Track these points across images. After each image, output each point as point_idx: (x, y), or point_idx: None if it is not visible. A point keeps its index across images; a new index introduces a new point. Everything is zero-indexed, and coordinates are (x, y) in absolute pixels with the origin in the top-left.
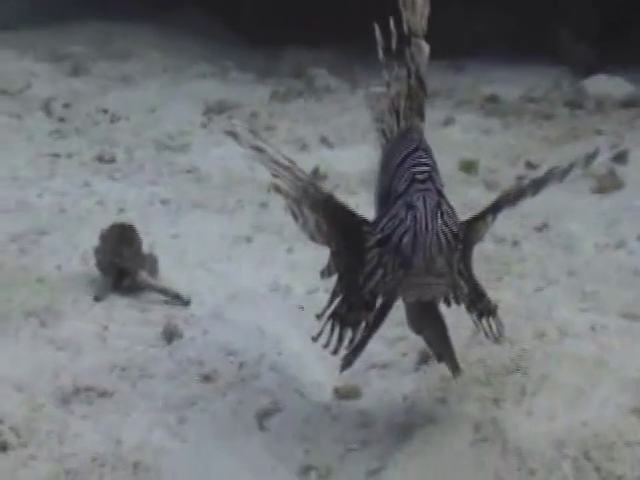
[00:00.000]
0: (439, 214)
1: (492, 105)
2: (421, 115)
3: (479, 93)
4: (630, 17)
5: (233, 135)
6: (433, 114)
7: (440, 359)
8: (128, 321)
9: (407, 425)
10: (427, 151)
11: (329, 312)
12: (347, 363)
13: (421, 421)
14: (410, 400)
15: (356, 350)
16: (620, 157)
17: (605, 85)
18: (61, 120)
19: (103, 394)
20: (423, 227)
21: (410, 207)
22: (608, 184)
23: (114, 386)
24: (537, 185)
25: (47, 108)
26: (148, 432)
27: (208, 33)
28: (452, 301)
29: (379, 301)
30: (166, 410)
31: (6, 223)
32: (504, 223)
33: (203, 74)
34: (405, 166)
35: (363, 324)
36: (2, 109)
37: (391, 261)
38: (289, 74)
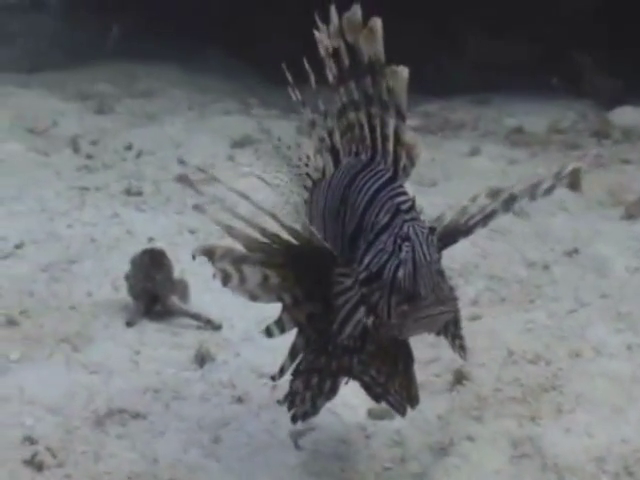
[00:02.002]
0: (432, 242)
1: (518, 136)
2: (398, 140)
3: (504, 125)
4: None
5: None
6: (459, 145)
7: (380, 398)
8: (160, 345)
9: (443, 443)
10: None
11: (302, 368)
12: (309, 414)
13: (457, 439)
14: (445, 419)
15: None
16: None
17: (631, 116)
18: (88, 156)
19: (136, 416)
20: (422, 257)
21: (405, 238)
22: (636, 210)
23: (147, 408)
24: (507, 203)
25: (74, 145)
26: (183, 451)
27: (231, 72)
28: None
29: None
30: (200, 430)
31: (37, 253)
32: (534, 248)
33: (227, 110)
34: (381, 199)
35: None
36: (30, 147)
37: (385, 298)
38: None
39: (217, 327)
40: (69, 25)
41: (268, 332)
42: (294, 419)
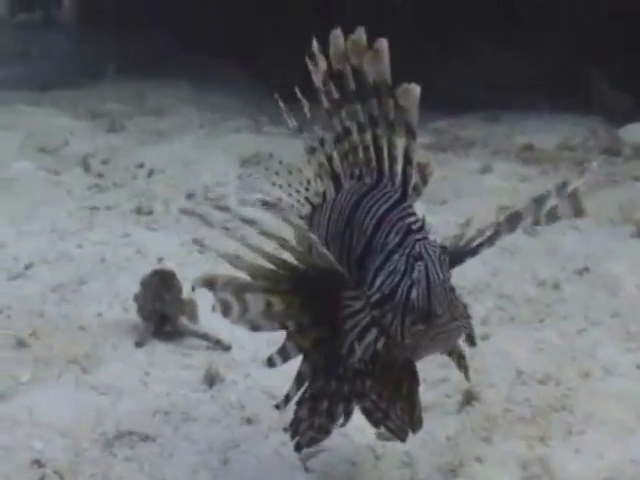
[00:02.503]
0: (445, 261)
1: (528, 154)
2: (409, 161)
3: (515, 142)
4: None
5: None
6: (469, 163)
7: (379, 424)
8: (169, 366)
9: (452, 464)
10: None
11: (308, 395)
12: (316, 440)
13: (466, 460)
14: (454, 440)
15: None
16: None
17: None
18: (99, 175)
19: (146, 438)
20: (435, 276)
21: (417, 258)
22: None
23: (157, 430)
24: (512, 223)
25: (85, 164)
26: (192, 473)
27: (242, 90)
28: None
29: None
30: (209, 452)
31: (47, 274)
32: (545, 267)
33: (238, 128)
34: (390, 220)
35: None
36: (41, 166)
37: (399, 319)
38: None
39: (226, 348)
40: (81, 43)
41: (270, 362)
42: (298, 448)
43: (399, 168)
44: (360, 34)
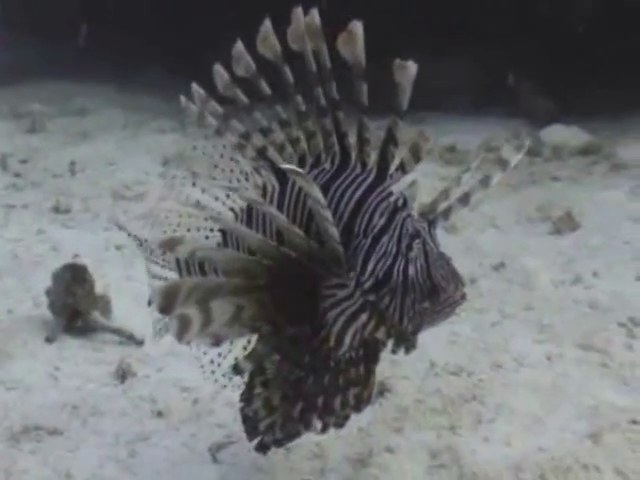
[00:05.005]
0: (435, 235)
1: (451, 155)
2: (392, 140)
3: (438, 143)
4: (585, 70)
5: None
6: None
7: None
8: (80, 361)
9: (363, 455)
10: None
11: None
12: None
13: (377, 450)
14: (366, 431)
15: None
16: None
17: (562, 134)
18: (17, 175)
19: (53, 432)
20: (433, 251)
21: (415, 236)
22: (564, 225)
23: (64, 424)
24: (466, 197)
25: (3, 163)
26: (98, 466)
27: (169, 91)
28: None
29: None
30: (117, 445)
31: None
32: (463, 263)
33: (162, 129)
34: (371, 202)
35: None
36: None
37: (398, 300)
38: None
39: (139, 342)
40: (3, 44)
41: (237, 370)
42: (263, 448)
43: (371, 150)
44: (314, 16)
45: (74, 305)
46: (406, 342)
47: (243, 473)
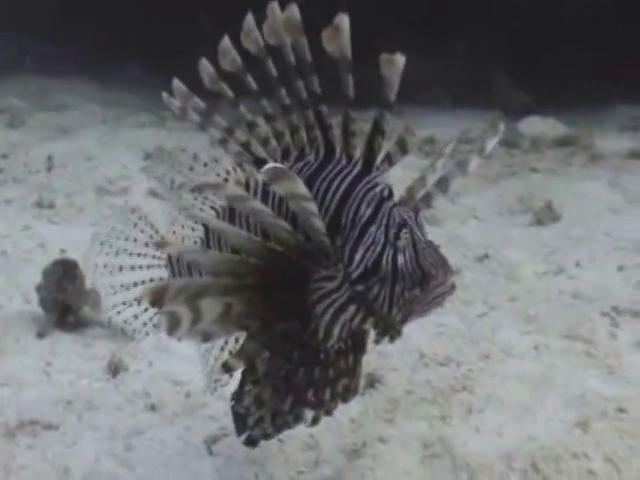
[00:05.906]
0: (422, 223)
1: (429, 146)
2: (379, 132)
3: (417, 135)
4: (563, 61)
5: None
6: None
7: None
8: (73, 356)
9: (356, 445)
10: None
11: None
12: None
13: (370, 441)
14: (358, 422)
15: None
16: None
17: (539, 126)
18: None
19: (49, 427)
20: (421, 239)
21: (402, 225)
22: (544, 217)
23: (60, 419)
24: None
25: None
26: (95, 461)
27: (149, 87)
28: None
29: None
30: (113, 439)
31: None
32: (446, 255)
33: (141, 124)
34: (357, 193)
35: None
36: None
37: (387, 290)
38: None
39: (130, 337)
40: None
41: (227, 368)
42: (252, 442)
43: (356, 142)
44: (293, 10)
45: (65, 301)
46: (392, 331)
47: (238, 465)
